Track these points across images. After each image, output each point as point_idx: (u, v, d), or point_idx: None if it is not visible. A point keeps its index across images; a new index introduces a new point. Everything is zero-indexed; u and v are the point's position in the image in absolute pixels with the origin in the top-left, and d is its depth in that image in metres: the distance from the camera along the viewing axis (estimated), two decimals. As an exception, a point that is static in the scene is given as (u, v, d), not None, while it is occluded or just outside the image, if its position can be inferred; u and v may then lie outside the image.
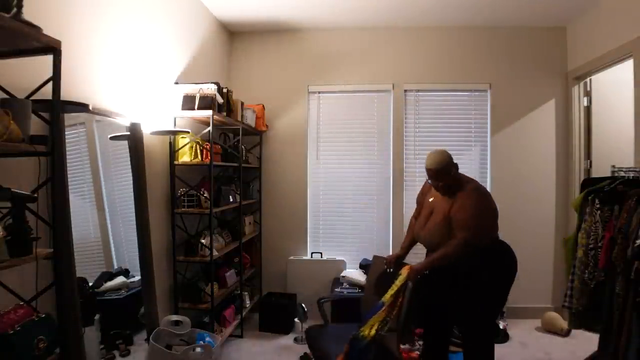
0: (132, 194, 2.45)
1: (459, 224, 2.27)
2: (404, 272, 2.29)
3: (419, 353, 2.98)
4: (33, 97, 1.49)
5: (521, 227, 4.02)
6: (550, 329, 3.64)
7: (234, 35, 4.29)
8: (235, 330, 3.46)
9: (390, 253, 4.13)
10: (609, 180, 2.59)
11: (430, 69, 4.13)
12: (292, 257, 4.16)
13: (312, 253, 4.18)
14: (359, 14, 3.83)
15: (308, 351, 3.22)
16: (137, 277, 2.50)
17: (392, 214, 4.14)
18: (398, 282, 2.26)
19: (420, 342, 3.09)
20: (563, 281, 3.04)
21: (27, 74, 1.58)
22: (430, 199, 2.51)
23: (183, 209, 2.94)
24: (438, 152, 2.39)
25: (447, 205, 2.35)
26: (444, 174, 2.33)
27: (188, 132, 2.90)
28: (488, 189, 4.04)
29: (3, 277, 1.40)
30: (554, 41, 4.01)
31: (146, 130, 2.58)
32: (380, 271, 2.62)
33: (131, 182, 2.44)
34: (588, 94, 3.80)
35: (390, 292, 2.24)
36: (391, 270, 2.52)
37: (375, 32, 4.15)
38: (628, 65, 3.04)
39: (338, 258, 4.10)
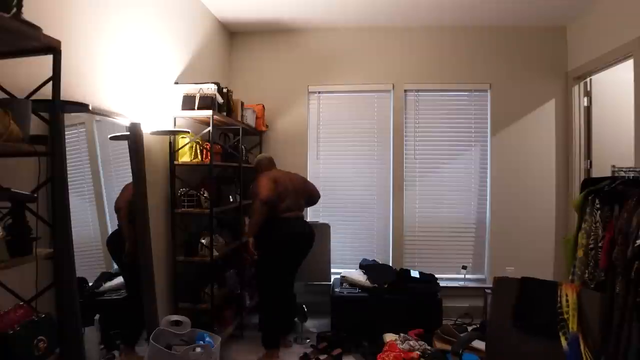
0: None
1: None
2: (568, 291, 2.03)
3: (419, 353, 2.98)
4: (33, 97, 1.48)
5: (521, 227, 4.02)
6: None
7: (234, 35, 4.28)
8: (235, 330, 3.46)
9: (390, 253, 4.15)
10: (609, 180, 2.58)
11: (430, 69, 4.13)
12: (292, 257, 4.15)
13: (312, 253, 4.17)
14: (358, 14, 3.83)
15: (308, 351, 3.23)
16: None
17: (392, 214, 4.14)
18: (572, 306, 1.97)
19: (421, 342, 3.08)
20: (563, 281, 3.03)
21: (27, 74, 1.57)
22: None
23: (183, 209, 2.93)
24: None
25: None
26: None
27: (188, 132, 2.90)
28: (488, 188, 4.08)
29: (3, 277, 1.40)
30: (554, 41, 4.01)
31: (146, 130, 2.58)
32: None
33: (131, 182, 2.44)
34: (588, 94, 3.80)
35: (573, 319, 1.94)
36: None
37: (375, 32, 4.15)
38: (628, 65, 3.04)
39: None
